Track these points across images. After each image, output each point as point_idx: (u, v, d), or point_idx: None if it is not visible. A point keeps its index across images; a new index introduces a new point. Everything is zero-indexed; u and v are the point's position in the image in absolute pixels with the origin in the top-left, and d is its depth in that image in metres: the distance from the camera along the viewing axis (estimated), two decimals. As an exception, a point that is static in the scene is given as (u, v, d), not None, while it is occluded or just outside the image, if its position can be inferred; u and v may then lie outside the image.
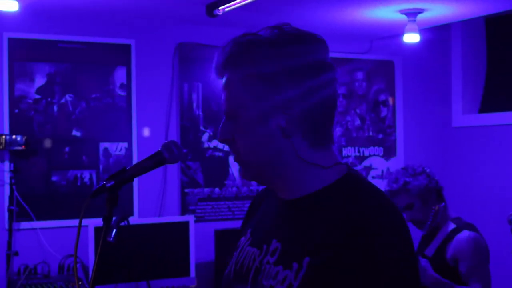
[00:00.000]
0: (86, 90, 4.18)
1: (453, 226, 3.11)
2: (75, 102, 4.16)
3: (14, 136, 3.87)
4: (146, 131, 4.32)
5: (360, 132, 5.02)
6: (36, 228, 3.99)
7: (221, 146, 4.52)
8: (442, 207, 3.10)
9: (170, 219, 4.10)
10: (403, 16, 4.07)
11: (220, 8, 3.66)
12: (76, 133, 4.15)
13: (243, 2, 3.55)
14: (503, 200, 4.61)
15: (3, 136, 3.84)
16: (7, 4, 3.47)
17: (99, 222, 1.46)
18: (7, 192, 3.93)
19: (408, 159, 4.99)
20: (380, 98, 5.09)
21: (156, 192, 4.35)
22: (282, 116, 1.29)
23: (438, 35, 5.05)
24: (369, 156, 5.05)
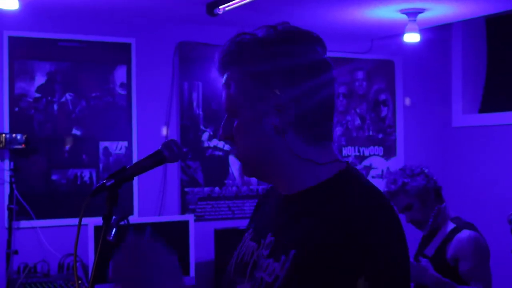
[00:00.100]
0: (86, 88, 4.18)
1: (452, 226, 3.11)
2: (75, 101, 4.15)
3: (14, 135, 3.86)
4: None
5: (360, 132, 5.02)
6: (36, 227, 3.99)
7: (221, 145, 4.52)
8: (443, 207, 3.10)
9: (170, 218, 4.10)
10: (404, 16, 4.07)
11: (220, 7, 3.66)
12: (76, 131, 4.15)
13: (243, 1, 3.55)
14: (503, 200, 4.61)
15: (3, 135, 3.84)
16: (8, 3, 3.47)
17: (99, 221, 1.46)
18: (7, 191, 3.93)
19: (408, 159, 4.99)
20: (380, 97, 5.09)
21: (156, 191, 4.35)
22: (276, 115, 1.31)
23: (439, 35, 5.04)
24: (369, 156, 5.05)
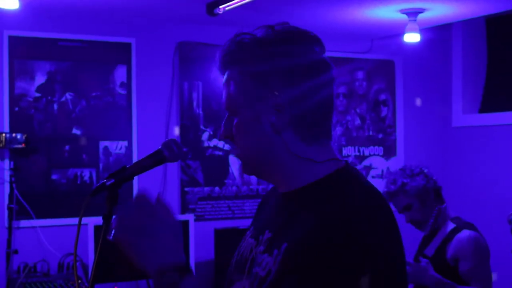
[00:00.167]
0: (87, 88, 4.18)
1: (452, 226, 3.11)
2: (75, 101, 4.15)
3: (14, 134, 3.86)
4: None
5: (360, 132, 5.02)
6: (36, 227, 3.99)
7: (221, 145, 4.52)
8: (443, 208, 3.10)
9: (170, 218, 4.10)
10: (404, 16, 4.07)
11: (220, 7, 3.66)
12: (76, 131, 4.15)
13: (243, 1, 3.54)
14: (503, 200, 4.61)
15: (3, 134, 3.84)
16: (8, 2, 3.47)
17: (99, 220, 1.46)
18: (7, 190, 3.93)
19: (408, 159, 4.99)
20: (381, 97, 5.09)
21: (156, 191, 4.34)
22: (273, 113, 1.32)
23: (439, 35, 5.04)
24: (369, 156, 5.05)
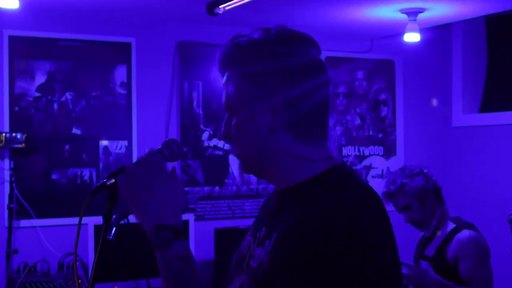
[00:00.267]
0: (87, 88, 4.18)
1: (452, 226, 3.11)
2: (75, 100, 4.15)
3: (14, 134, 3.86)
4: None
5: (360, 132, 5.02)
6: (36, 226, 3.99)
7: (221, 145, 4.52)
8: (446, 209, 3.10)
9: (170, 217, 4.10)
10: (404, 16, 4.07)
11: (220, 6, 3.66)
12: (76, 131, 4.15)
13: (243, 1, 3.54)
14: (503, 200, 4.61)
15: (3, 134, 3.84)
16: (8, 2, 3.47)
17: (99, 220, 1.47)
18: (7, 190, 3.93)
19: (408, 159, 4.98)
20: (381, 97, 5.09)
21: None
22: (269, 113, 1.36)
23: (439, 34, 5.04)
24: (369, 156, 5.05)
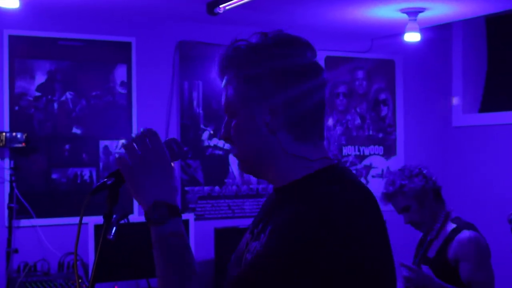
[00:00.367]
0: (87, 87, 4.18)
1: (453, 226, 3.11)
2: (76, 100, 4.15)
3: (14, 134, 3.86)
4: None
5: (360, 131, 5.02)
6: (36, 226, 3.99)
7: (221, 144, 4.52)
8: (450, 211, 3.09)
9: (170, 217, 4.09)
10: (404, 15, 4.07)
11: (221, 6, 3.66)
12: (76, 130, 4.15)
13: (243, 0, 3.54)
14: (503, 200, 4.61)
15: (3, 133, 3.84)
16: (8, 1, 3.47)
17: (99, 220, 1.47)
18: (7, 190, 3.93)
19: (408, 158, 4.98)
20: (381, 97, 5.09)
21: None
22: (268, 114, 1.41)
23: (439, 34, 5.04)
24: (369, 155, 5.05)
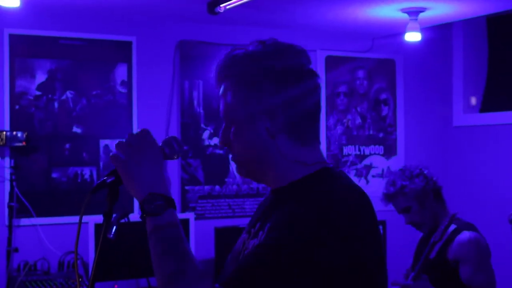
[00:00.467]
0: (87, 87, 4.18)
1: (453, 227, 3.10)
2: (76, 99, 4.15)
3: (14, 133, 3.86)
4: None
5: (360, 131, 5.02)
6: (36, 225, 3.99)
7: (221, 143, 4.51)
8: (455, 214, 3.07)
9: (170, 216, 4.09)
10: (405, 15, 4.07)
11: (221, 5, 3.65)
12: (76, 129, 4.15)
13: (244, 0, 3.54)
14: (503, 200, 4.61)
15: (4, 132, 3.84)
16: (9, 0, 3.47)
17: (99, 218, 1.47)
18: (7, 189, 3.93)
19: (408, 158, 4.98)
20: (381, 96, 5.09)
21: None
22: (267, 119, 1.46)
23: (440, 34, 5.04)
24: (369, 155, 5.05)
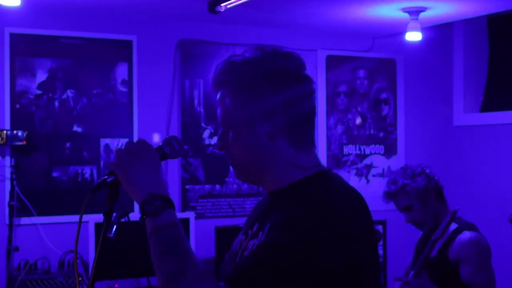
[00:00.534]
0: (88, 85, 4.18)
1: (454, 226, 3.10)
2: (77, 98, 4.15)
3: (15, 131, 3.86)
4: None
5: (361, 130, 5.02)
6: (36, 224, 3.99)
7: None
8: (457, 210, 3.07)
9: (171, 215, 4.09)
10: (406, 14, 4.07)
11: (222, 5, 3.65)
12: (77, 128, 4.15)
13: (245, -1, 3.54)
14: (504, 199, 4.61)
15: (4, 131, 3.84)
16: (9, -1, 3.47)
17: (99, 218, 1.47)
18: (7, 187, 3.93)
19: (409, 158, 4.98)
20: (382, 96, 5.09)
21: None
22: (266, 122, 1.51)
23: (440, 33, 5.04)
24: (370, 154, 5.05)
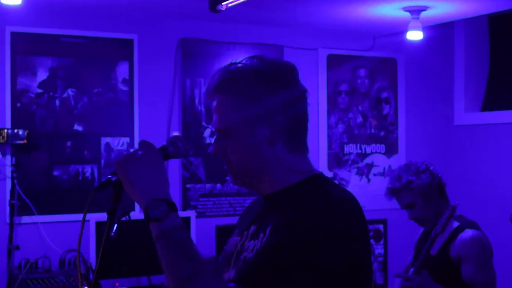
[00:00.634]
0: (89, 84, 4.18)
1: (456, 224, 3.09)
2: (77, 97, 4.15)
3: (16, 130, 3.86)
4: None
5: (362, 129, 5.02)
6: (37, 223, 3.99)
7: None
8: (456, 206, 3.07)
9: (172, 214, 4.09)
10: (407, 14, 4.07)
11: (223, 3, 3.65)
12: (78, 127, 4.15)
13: (246, -3, 3.54)
14: (504, 198, 4.61)
15: (5, 130, 3.84)
16: (10, -2, 3.47)
17: (100, 217, 1.47)
18: (8, 186, 3.93)
19: (410, 157, 4.97)
20: (383, 95, 5.09)
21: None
22: (266, 128, 1.55)
23: (441, 32, 5.04)
24: (371, 154, 5.05)
